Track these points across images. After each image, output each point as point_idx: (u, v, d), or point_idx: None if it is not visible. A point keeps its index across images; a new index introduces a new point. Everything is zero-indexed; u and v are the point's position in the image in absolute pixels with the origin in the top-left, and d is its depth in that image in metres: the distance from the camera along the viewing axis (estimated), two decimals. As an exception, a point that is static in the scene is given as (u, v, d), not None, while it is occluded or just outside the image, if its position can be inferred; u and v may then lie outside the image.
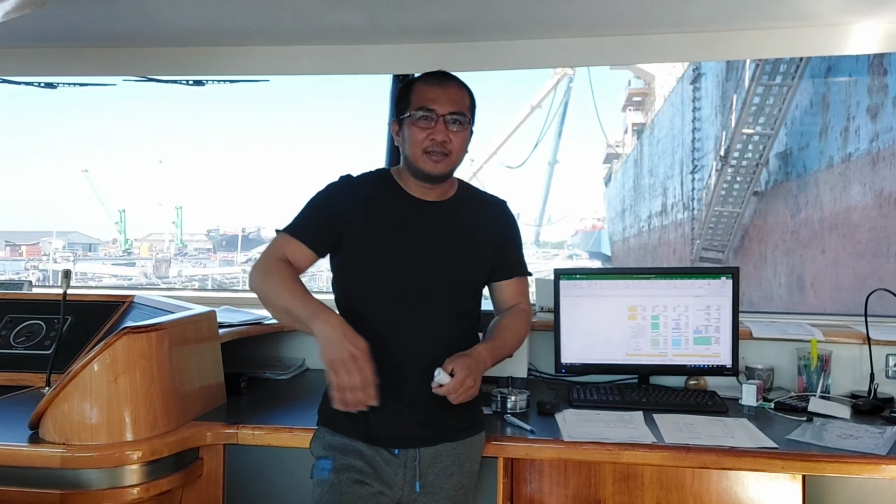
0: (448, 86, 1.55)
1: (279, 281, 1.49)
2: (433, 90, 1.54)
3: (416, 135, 1.53)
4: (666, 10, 2.20)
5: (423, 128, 1.52)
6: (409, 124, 1.54)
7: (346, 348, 1.37)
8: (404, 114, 1.55)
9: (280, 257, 1.53)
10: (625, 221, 30.08)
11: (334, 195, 1.59)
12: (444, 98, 1.53)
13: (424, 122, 1.52)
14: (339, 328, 1.40)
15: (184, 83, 3.22)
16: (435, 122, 1.52)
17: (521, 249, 1.77)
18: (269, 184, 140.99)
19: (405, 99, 1.56)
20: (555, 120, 32.34)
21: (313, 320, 1.41)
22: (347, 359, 1.36)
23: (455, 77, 1.59)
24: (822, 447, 1.69)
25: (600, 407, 2.00)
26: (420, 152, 1.53)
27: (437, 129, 1.51)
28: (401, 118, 1.57)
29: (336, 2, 2.14)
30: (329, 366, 1.38)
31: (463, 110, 1.54)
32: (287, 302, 1.47)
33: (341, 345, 1.37)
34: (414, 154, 1.54)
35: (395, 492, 1.55)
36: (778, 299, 13.00)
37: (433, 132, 1.51)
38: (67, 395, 1.66)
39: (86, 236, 44.19)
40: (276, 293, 1.49)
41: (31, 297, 2.49)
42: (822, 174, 11.80)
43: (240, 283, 26.03)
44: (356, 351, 1.37)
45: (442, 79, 1.57)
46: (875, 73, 10.14)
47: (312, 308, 1.43)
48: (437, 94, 1.53)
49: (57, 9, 2.10)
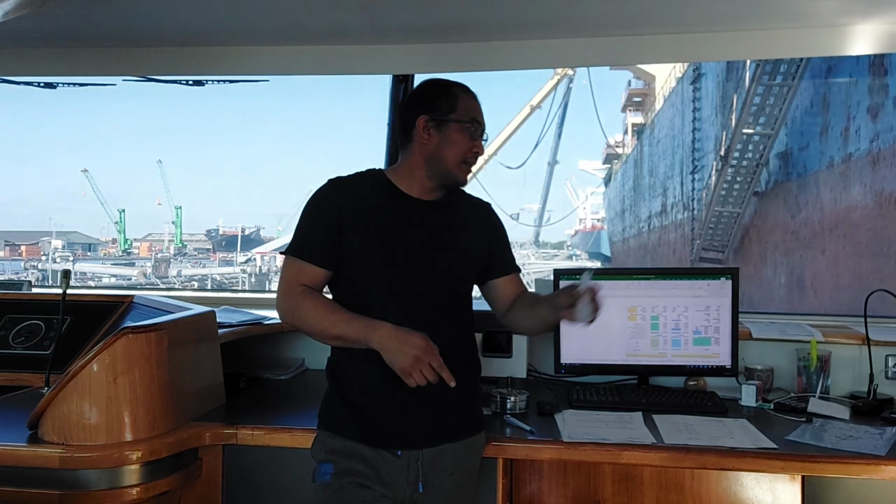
0: (479, 103, 1.63)
1: (315, 313, 1.54)
2: (477, 105, 1.61)
3: (462, 142, 1.57)
4: (666, 10, 2.20)
5: (472, 139, 1.58)
6: (455, 129, 1.56)
7: (409, 353, 1.44)
8: (447, 116, 1.56)
9: (300, 289, 1.56)
10: (624, 222, 30.10)
11: (328, 201, 1.58)
12: (482, 114, 1.62)
13: (473, 134, 1.58)
14: (393, 338, 1.46)
15: (184, 83, 3.22)
16: (480, 136, 1.59)
17: (510, 248, 1.81)
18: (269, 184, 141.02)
19: (448, 103, 1.57)
20: (554, 120, 32.41)
21: (369, 340, 1.48)
22: (414, 362, 1.44)
23: None
24: (822, 448, 1.69)
25: (600, 407, 1.99)
26: (459, 159, 1.57)
27: (479, 144, 1.59)
28: (440, 119, 1.56)
29: (336, 2, 2.14)
30: (402, 374, 1.45)
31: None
32: (337, 330, 1.52)
33: (402, 353, 1.45)
34: (452, 159, 1.57)
35: (397, 494, 1.54)
36: (778, 300, 13.00)
37: (477, 146, 1.59)
38: (67, 395, 1.66)
39: (85, 236, 44.20)
40: (321, 326, 1.54)
41: (31, 297, 2.49)
42: (822, 174, 11.81)
43: (239, 284, 26.08)
44: (417, 351, 1.44)
45: (476, 95, 1.63)
46: (875, 74, 10.15)
47: (360, 327, 1.49)
48: (479, 110, 1.61)
49: (57, 9, 2.10)
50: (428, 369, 1.44)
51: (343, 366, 1.59)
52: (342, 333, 1.51)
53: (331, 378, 1.62)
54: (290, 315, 1.57)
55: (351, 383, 1.58)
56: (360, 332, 1.49)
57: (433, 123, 1.56)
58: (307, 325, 1.55)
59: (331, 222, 1.55)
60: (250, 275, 27.57)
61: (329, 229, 1.55)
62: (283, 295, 1.57)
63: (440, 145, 1.56)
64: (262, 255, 30.65)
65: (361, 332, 1.49)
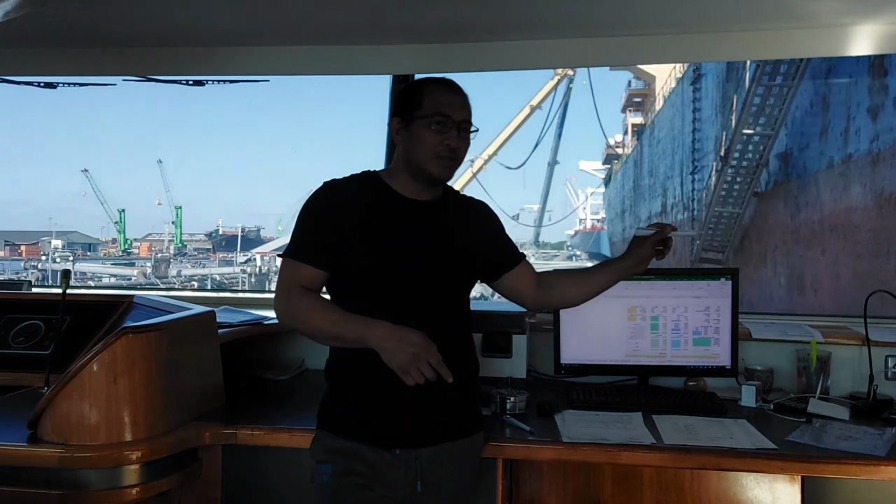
0: (460, 94, 1.59)
1: (312, 314, 1.54)
2: (448, 96, 1.57)
3: (429, 138, 1.54)
4: (666, 11, 2.20)
5: (438, 132, 1.54)
6: (421, 127, 1.55)
7: (406, 351, 1.43)
8: (413, 114, 1.56)
9: (297, 290, 1.55)
10: (624, 222, 30.12)
11: (324, 204, 1.58)
12: (458, 105, 1.56)
13: (440, 128, 1.54)
14: (391, 336, 1.45)
15: (184, 83, 3.21)
16: (450, 128, 1.54)
17: (511, 239, 1.81)
18: (269, 184, 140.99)
19: (414, 100, 1.57)
20: (554, 121, 32.38)
21: (366, 339, 1.47)
22: (412, 360, 1.43)
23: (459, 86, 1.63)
24: (822, 448, 1.69)
25: (599, 408, 1.99)
26: (431, 155, 1.54)
27: (452, 136, 1.54)
28: (410, 117, 1.57)
29: (336, 2, 2.14)
30: (400, 373, 1.44)
31: (470, 119, 1.58)
32: (334, 330, 1.52)
33: (400, 351, 1.44)
34: (423, 156, 1.55)
35: (396, 494, 1.54)
36: (777, 300, 13.00)
37: (448, 138, 1.54)
38: (66, 395, 1.66)
39: (85, 236, 44.22)
40: (319, 326, 1.54)
41: (30, 297, 2.49)
42: (822, 175, 11.82)
43: (239, 284, 26.07)
44: (415, 348, 1.43)
45: (453, 86, 1.60)
46: (875, 74, 10.16)
47: (358, 327, 1.49)
48: (451, 101, 1.56)
49: (57, 9, 2.10)
50: (426, 367, 1.43)
51: (342, 366, 1.60)
52: (340, 333, 1.51)
53: (330, 378, 1.62)
54: (287, 316, 1.57)
55: (350, 383, 1.58)
56: (357, 331, 1.49)
57: (402, 124, 1.58)
58: (304, 325, 1.55)
59: (327, 224, 1.55)
60: (250, 275, 27.59)
61: (325, 231, 1.55)
62: (280, 296, 1.57)
63: (411, 145, 1.57)
64: (261, 255, 30.68)
65: (359, 331, 1.49)
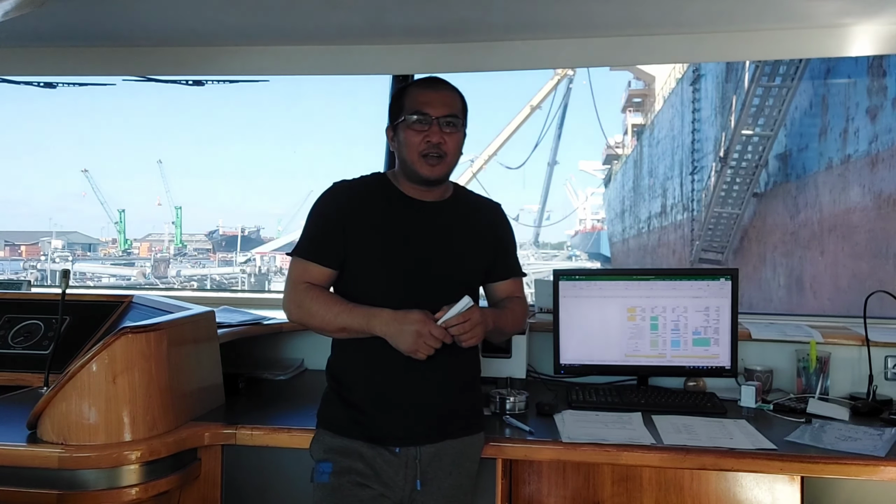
0: (440, 89, 1.59)
1: (319, 307, 1.56)
2: (426, 94, 1.57)
3: (411, 138, 1.55)
4: (665, 11, 2.20)
5: (419, 131, 1.54)
6: (403, 129, 1.56)
7: (409, 331, 1.47)
8: (398, 119, 1.58)
9: (305, 286, 1.58)
10: (624, 222, 30.12)
11: (332, 204, 1.60)
12: (438, 101, 1.56)
13: (419, 126, 1.54)
14: (392, 321, 1.49)
15: (184, 83, 3.22)
16: (430, 125, 1.54)
17: (517, 252, 1.80)
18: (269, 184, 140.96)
19: (398, 105, 1.59)
20: (554, 121, 32.36)
21: (371, 328, 1.51)
22: (416, 338, 1.47)
23: (446, 81, 1.62)
24: (821, 449, 1.69)
25: (599, 408, 1.99)
26: (417, 156, 1.55)
27: (433, 132, 1.54)
28: (395, 123, 1.59)
29: (336, 2, 2.14)
30: (409, 354, 1.48)
31: (456, 113, 1.57)
32: (340, 321, 1.54)
33: (403, 332, 1.47)
34: (410, 158, 1.56)
35: (395, 492, 1.55)
36: (777, 300, 13.00)
37: (428, 135, 1.54)
38: (66, 394, 1.66)
39: (85, 236, 44.16)
40: (325, 319, 1.56)
41: (30, 297, 2.49)
42: (821, 175, 11.82)
43: (239, 284, 26.05)
44: (416, 325, 1.47)
45: (434, 83, 1.60)
46: (874, 75, 10.16)
47: (362, 316, 1.52)
48: (430, 98, 1.56)
49: (57, 9, 2.10)
50: (431, 339, 1.46)
51: (343, 365, 1.61)
52: (346, 324, 1.53)
53: (330, 377, 1.63)
54: (295, 311, 1.59)
55: (350, 382, 1.58)
56: (362, 320, 1.52)
57: (393, 131, 1.61)
58: (312, 318, 1.57)
59: (335, 224, 1.57)
60: (250, 275, 27.56)
61: (333, 230, 1.57)
62: (288, 292, 1.60)
63: (401, 149, 1.59)
64: (261, 256, 30.64)
65: (364, 320, 1.51)
